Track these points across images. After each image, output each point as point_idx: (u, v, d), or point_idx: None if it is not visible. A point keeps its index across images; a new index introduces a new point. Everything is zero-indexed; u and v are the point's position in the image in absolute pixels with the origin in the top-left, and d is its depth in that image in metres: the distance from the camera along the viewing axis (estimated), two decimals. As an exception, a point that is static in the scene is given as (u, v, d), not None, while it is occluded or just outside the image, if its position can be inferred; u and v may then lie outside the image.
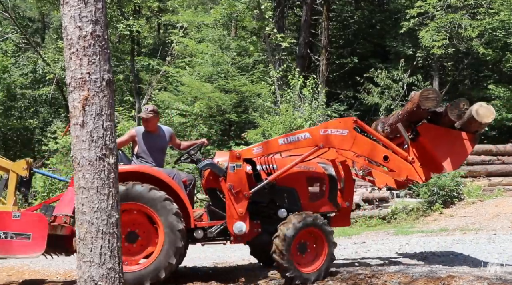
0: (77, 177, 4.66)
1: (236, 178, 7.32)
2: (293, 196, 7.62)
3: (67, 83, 4.63)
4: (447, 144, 7.24)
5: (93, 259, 4.29)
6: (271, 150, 7.55)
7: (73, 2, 4.36)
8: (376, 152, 7.39)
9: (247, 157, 7.49)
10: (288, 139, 7.46)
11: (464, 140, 7.22)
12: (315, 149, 7.34)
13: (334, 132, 7.38)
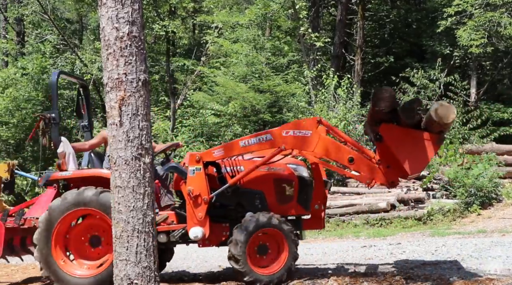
0: (114, 176, 4.71)
1: (196, 181, 7.24)
2: (260, 199, 7.41)
3: (104, 83, 4.69)
4: (409, 145, 6.72)
5: (129, 258, 4.33)
6: (232, 153, 7.41)
7: (110, 4, 4.41)
8: (341, 154, 7.02)
9: (207, 160, 7.37)
10: (250, 141, 7.31)
11: (426, 141, 6.67)
12: (277, 150, 7.12)
13: (297, 133, 7.13)
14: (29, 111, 20.82)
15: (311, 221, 7.76)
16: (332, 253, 10.02)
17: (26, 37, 27.76)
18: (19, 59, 23.94)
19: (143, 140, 4.68)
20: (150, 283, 4.30)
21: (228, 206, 7.51)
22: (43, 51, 23.22)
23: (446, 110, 6.36)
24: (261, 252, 7.16)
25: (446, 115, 6.36)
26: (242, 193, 7.44)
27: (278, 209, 7.39)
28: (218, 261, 9.63)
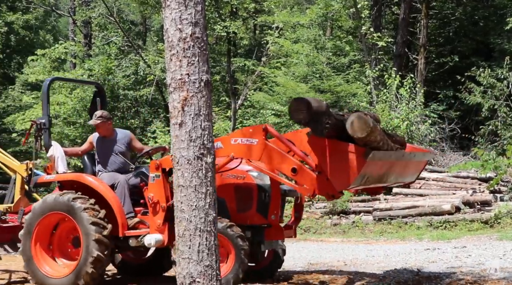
0: (176, 175, 4.77)
1: (155, 188, 7.25)
2: (222, 207, 7.08)
3: (167, 84, 4.76)
4: (334, 158, 6.15)
5: (191, 256, 4.38)
6: None
7: (174, 5, 4.46)
8: (285, 164, 6.50)
9: (166, 167, 7.27)
10: None
11: (351, 153, 6.00)
12: (228, 159, 6.82)
13: (244, 141, 6.77)
14: (95, 111, 21.39)
15: (272, 231, 7.39)
16: (394, 255, 9.87)
17: (92, 39, 28.51)
18: (86, 61, 24.62)
19: (205, 140, 4.72)
20: (211, 281, 4.34)
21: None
22: (109, 53, 23.79)
23: (363, 123, 5.77)
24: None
25: (361, 128, 5.76)
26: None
27: (237, 217, 7.25)
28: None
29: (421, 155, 7.23)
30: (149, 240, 7.23)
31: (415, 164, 7.10)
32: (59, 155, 8.10)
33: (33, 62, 26.17)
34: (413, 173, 7.23)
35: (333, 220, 15.15)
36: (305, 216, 15.48)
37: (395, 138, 6.85)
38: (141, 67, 23.45)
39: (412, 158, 6.91)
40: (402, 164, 6.73)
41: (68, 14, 29.89)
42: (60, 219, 7.71)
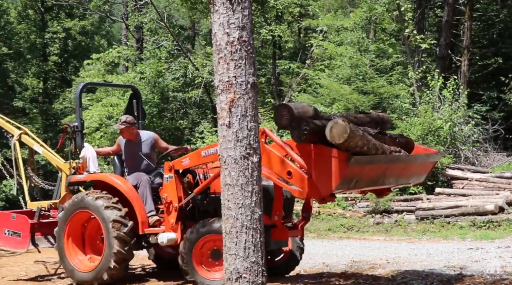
0: (223, 174, 4.79)
1: (168, 189, 7.40)
2: None
3: (215, 86, 4.78)
4: (319, 163, 6.06)
5: (238, 253, 4.39)
6: (197, 162, 7.39)
7: (222, 10, 4.49)
8: (282, 166, 6.43)
9: (177, 168, 7.43)
10: (208, 152, 7.19)
11: (334, 158, 5.89)
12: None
13: None
14: (146, 112, 21.59)
15: (277, 231, 7.28)
16: (437, 254, 9.69)
17: (144, 43, 28.92)
18: (137, 64, 24.98)
19: (251, 140, 4.73)
20: (258, 277, 4.34)
21: (208, 212, 7.44)
22: (159, 57, 24.07)
23: (341, 129, 5.69)
24: (215, 257, 7.09)
25: (339, 134, 5.69)
26: (215, 200, 7.21)
27: None
28: (322, 259, 9.59)
29: (424, 156, 7.00)
30: (162, 238, 7.42)
31: (420, 166, 6.93)
32: (90, 156, 8.42)
33: (89, 66, 26.71)
34: (420, 174, 7.07)
35: (375, 219, 14.99)
36: (347, 215, 15.38)
37: (399, 139, 6.80)
38: (190, 70, 23.65)
39: (412, 160, 6.73)
40: (400, 166, 6.58)
41: (121, 19, 30.38)
42: (88, 216, 7.99)
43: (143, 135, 8.52)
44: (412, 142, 7.07)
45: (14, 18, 32.52)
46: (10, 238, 9.24)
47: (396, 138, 6.83)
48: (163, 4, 27.17)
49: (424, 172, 7.12)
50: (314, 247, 11.25)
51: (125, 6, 30.30)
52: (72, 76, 32.69)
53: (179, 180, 7.48)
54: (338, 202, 16.32)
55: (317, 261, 9.32)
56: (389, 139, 6.65)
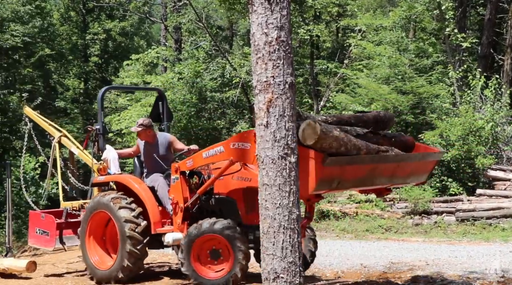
0: (261, 174, 4.80)
1: (175, 190, 7.55)
2: (234, 208, 7.33)
3: (253, 86, 4.79)
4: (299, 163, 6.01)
5: (275, 253, 4.39)
6: (199, 163, 7.45)
7: (260, 10, 4.49)
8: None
9: (183, 170, 7.55)
10: (209, 153, 7.19)
11: (311, 159, 5.80)
12: (229, 163, 6.84)
13: (240, 145, 6.71)
14: (184, 112, 21.79)
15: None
16: (478, 256, 9.51)
17: (182, 44, 29.15)
18: (176, 65, 25.19)
19: (289, 140, 4.72)
20: (295, 277, 4.33)
21: (214, 213, 7.53)
22: (197, 57, 24.22)
23: (311, 130, 5.61)
24: (214, 256, 7.18)
25: (310, 136, 5.61)
26: (220, 201, 7.52)
27: (246, 218, 7.32)
28: (360, 260, 9.51)
29: (419, 156, 6.87)
30: (168, 238, 7.55)
31: (417, 165, 6.81)
32: (111, 158, 8.66)
33: (128, 66, 27.07)
34: (419, 173, 6.95)
35: (414, 220, 14.80)
36: (386, 216, 15.23)
37: (396, 138, 6.77)
38: (228, 70, 23.73)
39: (405, 159, 6.59)
40: (391, 166, 6.45)
41: (160, 20, 30.68)
42: (109, 216, 8.15)
43: (160, 137, 8.65)
44: (412, 141, 7.02)
45: (56, 20, 33.20)
46: (40, 237, 9.60)
47: (393, 137, 6.81)
48: (201, 4, 27.34)
49: (424, 171, 7.01)
50: (351, 248, 11.18)
51: (164, 7, 30.59)
52: (112, 76, 33.20)
53: (184, 181, 7.64)
54: (376, 203, 16.17)
55: (355, 262, 9.26)
56: (382, 138, 6.60)
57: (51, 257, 11.23)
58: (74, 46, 33.75)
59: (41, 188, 18.37)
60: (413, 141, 7.07)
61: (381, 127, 6.95)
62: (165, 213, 7.89)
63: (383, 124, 7.05)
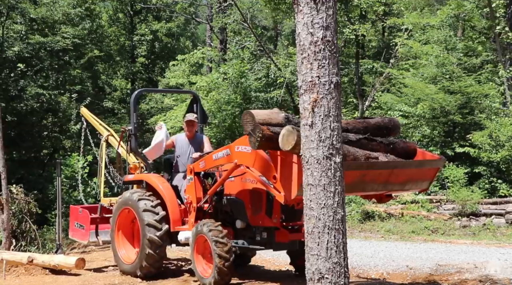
0: (306, 174, 4.78)
1: (189, 190, 7.76)
2: (242, 209, 7.42)
3: (298, 86, 4.77)
4: (284, 168, 6.24)
5: (320, 253, 4.37)
6: (210, 165, 7.58)
7: (306, 10, 4.48)
8: (269, 171, 6.51)
9: (197, 171, 7.74)
10: (218, 155, 7.30)
11: (294, 164, 6.02)
12: (234, 165, 6.94)
13: (242, 148, 6.80)
14: (229, 112, 21.88)
15: (278, 233, 7.46)
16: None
17: (227, 44, 29.30)
18: (221, 65, 25.35)
19: (334, 140, 4.69)
20: (340, 278, 4.30)
21: (227, 213, 7.76)
22: (242, 57, 24.30)
23: (289, 137, 5.77)
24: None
25: (288, 141, 5.78)
26: (231, 202, 7.63)
27: (253, 219, 7.40)
28: (406, 261, 9.38)
29: (415, 163, 6.81)
30: (180, 236, 7.82)
31: (416, 172, 6.75)
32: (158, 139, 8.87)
33: (174, 67, 27.37)
34: (419, 180, 6.88)
35: (462, 222, 14.53)
36: (432, 217, 15.00)
37: (395, 145, 6.73)
38: (272, 70, 23.75)
39: (400, 166, 6.54)
40: (384, 172, 6.41)
41: (206, 21, 30.93)
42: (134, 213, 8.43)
43: (197, 136, 9.02)
44: (413, 148, 6.97)
45: (105, 21, 33.79)
46: (78, 230, 10.19)
47: (392, 144, 6.76)
48: (246, 5, 27.42)
49: (424, 178, 6.92)
50: (397, 250, 11.06)
51: (210, 8, 30.82)
52: (158, 77, 33.61)
53: (199, 181, 7.85)
54: (422, 204, 15.94)
55: (401, 264, 9.14)
56: (378, 145, 6.59)
57: (100, 254, 11.46)
58: (121, 47, 34.30)
59: (90, 186, 18.77)
60: (415, 148, 7.03)
61: (384, 133, 6.95)
62: (186, 212, 8.09)
63: (386, 130, 7.05)
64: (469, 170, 17.01)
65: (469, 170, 17.01)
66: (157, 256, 8.01)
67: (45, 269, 9.54)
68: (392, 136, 7.14)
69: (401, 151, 6.74)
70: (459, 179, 16.46)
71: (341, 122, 5.58)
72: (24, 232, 13.54)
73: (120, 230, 8.80)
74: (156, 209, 8.07)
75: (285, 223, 7.49)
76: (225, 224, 7.63)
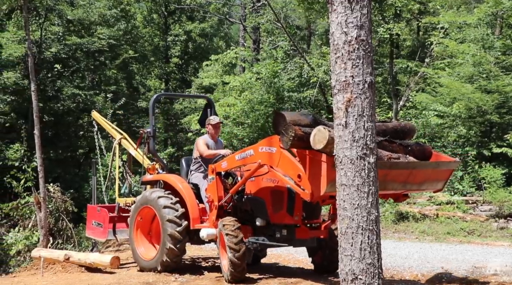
0: (339, 174, 4.77)
1: (211, 189, 7.96)
2: (263, 207, 7.62)
3: (332, 85, 4.76)
4: (312, 166, 6.46)
5: (353, 254, 4.35)
6: (232, 165, 7.79)
7: (340, 9, 4.46)
8: (294, 170, 6.72)
9: (219, 170, 7.94)
10: (241, 156, 7.51)
11: (323, 162, 6.28)
12: (257, 165, 7.13)
13: (266, 149, 7.04)
14: (262, 112, 21.87)
15: (299, 231, 7.74)
16: None
17: (261, 44, 29.35)
18: (254, 65, 25.38)
19: (368, 140, 4.67)
20: (374, 279, 4.27)
21: (247, 211, 7.96)
22: (275, 57, 24.29)
23: (321, 136, 6.11)
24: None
25: (320, 140, 6.11)
26: (251, 201, 7.83)
27: (274, 217, 7.62)
28: (441, 263, 9.27)
29: (433, 164, 7.14)
30: (203, 233, 8.01)
31: (432, 173, 7.07)
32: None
33: (207, 67, 27.51)
34: (434, 181, 7.22)
35: (499, 223, 14.26)
36: (468, 218, 14.77)
37: (413, 147, 7.08)
38: (305, 69, 23.69)
39: (419, 167, 6.87)
40: (403, 172, 6.73)
41: (239, 21, 31.02)
42: (154, 212, 8.61)
43: (219, 140, 9.26)
44: (429, 150, 7.31)
45: (140, 22, 34.16)
46: (96, 229, 10.40)
47: (409, 146, 7.11)
48: (280, 5, 27.41)
49: (439, 179, 7.27)
50: (431, 251, 10.92)
51: (243, 8, 30.91)
52: (191, 77, 33.83)
53: (220, 181, 8.05)
54: (458, 205, 15.72)
55: (436, 265, 9.03)
56: (398, 147, 6.94)
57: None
58: (156, 48, 34.63)
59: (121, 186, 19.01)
60: (431, 150, 7.37)
61: (400, 136, 7.30)
62: (205, 210, 8.31)
63: (403, 134, 7.42)
64: (507, 171, 16.72)
65: (506, 170, 16.72)
66: (177, 251, 8.24)
67: (81, 267, 9.68)
68: (407, 139, 7.48)
69: (418, 153, 7.10)
70: (496, 180, 16.20)
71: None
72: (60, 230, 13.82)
73: (139, 229, 9.02)
74: (175, 206, 8.32)
75: (306, 221, 7.80)
76: (245, 222, 7.88)
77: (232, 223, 7.56)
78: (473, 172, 17.39)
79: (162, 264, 8.33)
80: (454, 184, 17.07)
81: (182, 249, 8.35)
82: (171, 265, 8.36)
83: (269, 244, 7.83)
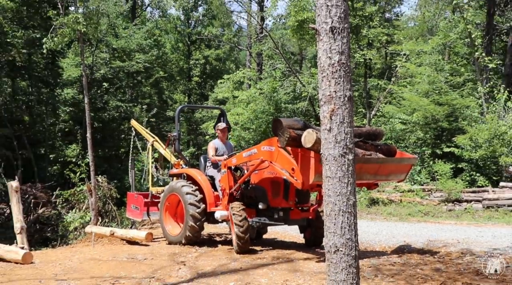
0: (325, 169, 4.72)
1: (224, 180, 8.05)
2: (264, 194, 7.61)
3: (319, 99, 4.72)
4: (303, 161, 6.48)
5: (336, 231, 4.31)
6: (240, 161, 7.74)
7: (326, 39, 4.43)
8: (288, 164, 6.75)
9: (229, 165, 7.93)
10: (247, 153, 7.48)
11: (311, 158, 6.28)
12: (260, 161, 7.12)
13: (267, 148, 7.03)
14: (264, 120, 21.86)
15: (292, 213, 7.78)
16: (500, 236, 9.02)
17: (263, 66, 29.33)
18: (258, 83, 25.36)
19: (347, 142, 4.63)
20: (351, 251, 4.24)
21: (251, 197, 7.90)
22: (274, 76, 24.28)
23: (310, 137, 6.08)
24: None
25: (309, 140, 6.07)
26: (255, 189, 7.81)
27: (273, 202, 7.63)
28: (403, 237, 9.23)
29: (397, 159, 7.11)
30: (217, 214, 7.98)
31: (396, 167, 7.06)
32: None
33: (221, 84, 27.50)
34: (398, 173, 7.18)
35: (448, 206, 14.23)
36: (425, 203, 14.73)
37: (382, 147, 7.08)
38: (298, 86, 23.66)
39: (386, 162, 6.85)
40: (373, 166, 6.70)
41: (246, 48, 31.03)
42: (179, 198, 8.60)
43: (228, 143, 9.22)
44: (394, 149, 7.29)
45: (168, 49, 34.18)
46: (134, 211, 10.42)
47: (379, 145, 7.11)
48: (278, 35, 27.41)
49: (402, 172, 7.21)
50: (396, 228, 10.88)
51: (249, 38, 30.92)
52: (209, 92, 33.83)
53: (230, 173, 8.04)
54: (417, 192, 15.68)
55: (399, 239, 9.00)
56: (370, 146, 6.97)
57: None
58: (181, 69, 34.64)
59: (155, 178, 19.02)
60: (395, 149, 7.35)
61: (372, 138, 7.32)
62: (219, 196, 8.30)
63: (374, 136, 7.42)
64: (454, 166, 16.71)
65: (454, 165, 16.71)
66: (197, 228, 8.23)
67: (123, 241, 9.67)
68: (378, 140, 7.51)
69: (385, 151, 7.13)
70: (446, 172, 16.18)
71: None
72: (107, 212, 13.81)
73: (167, 211, 9.00)
74: (196, 192, 8.33)
75: (298, 205, 7.83)
76: (250, 206, 7.89)
77: (238, 206, 7.62)
78: (428, 166, 17.35)
79: (186, 239, 8.33)
80: (413, 176, 17.03)
81: (201, 226, 8.34)
82: (192, 239, 8.35)
83: (269, 223, 7.82)
